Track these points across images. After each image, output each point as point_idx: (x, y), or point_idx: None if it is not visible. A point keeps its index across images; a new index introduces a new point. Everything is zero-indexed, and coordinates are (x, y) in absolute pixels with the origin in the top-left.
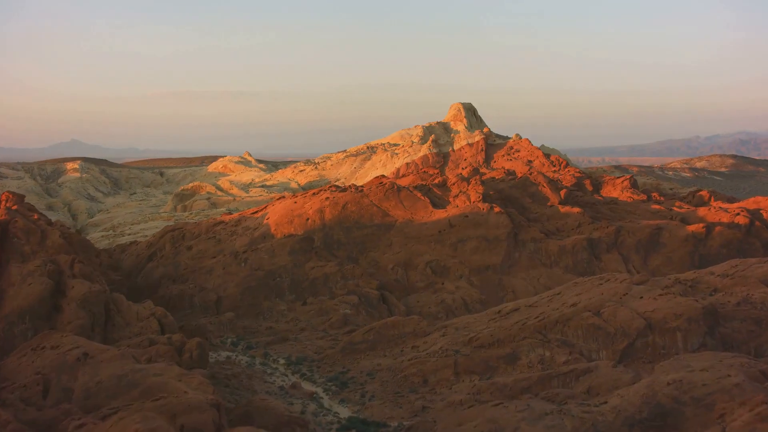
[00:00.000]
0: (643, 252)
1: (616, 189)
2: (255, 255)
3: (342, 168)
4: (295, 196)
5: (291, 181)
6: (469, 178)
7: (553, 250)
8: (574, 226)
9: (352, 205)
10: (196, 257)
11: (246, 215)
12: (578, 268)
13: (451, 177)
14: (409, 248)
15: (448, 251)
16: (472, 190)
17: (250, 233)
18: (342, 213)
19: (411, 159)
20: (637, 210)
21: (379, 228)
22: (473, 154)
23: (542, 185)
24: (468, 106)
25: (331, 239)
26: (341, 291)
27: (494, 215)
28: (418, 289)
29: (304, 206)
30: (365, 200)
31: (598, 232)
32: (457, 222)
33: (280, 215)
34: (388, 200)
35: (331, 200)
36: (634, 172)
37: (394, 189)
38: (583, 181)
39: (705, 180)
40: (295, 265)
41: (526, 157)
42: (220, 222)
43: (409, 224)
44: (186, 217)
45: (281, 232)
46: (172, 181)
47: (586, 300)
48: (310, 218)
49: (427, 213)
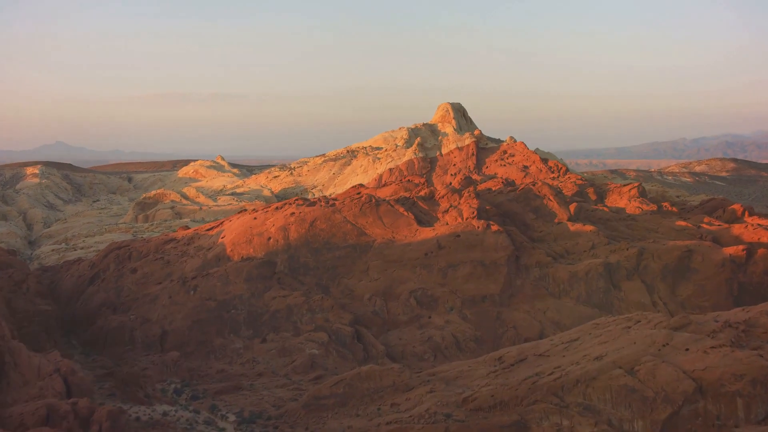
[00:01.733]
0: (670, 279)
1: (622, 198)
2: (206, 282)
3: (319, 174)
4: (256, 211)
5: (263, 188)
6: (461, 189)
7: (562, 277)
8: (586, 248)
9: (322, 221)
10: (140, 282)
11: (201, 232)
12: (593, 299)
13: (440, 188)
14: (390, 274)
15: (437, 278)
16: (465, 204)
17: (203, 254)
18: (310, 231)
19: (395, 164)
20: (660, 227)
21: (353, 249)
22: (463, 159)
23: (548, 198)
24: (457, 106)
25: (296, 263)
26: (308, 326)
27: (491, 235)
28: (400, 324)
29: (265, 223)
30: (337, 216)
31: (616, 255)
32: (448, 243)
33: (238, 233)
34: (365, 216)
35: (297, 216)
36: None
37: (371, 203)
38: (585, 190)
39: (707, 185)
40: (253, 295)
41: (522, 163)
42: (172, 239)
43: (390, 245)
44: (146, 228)
45: (238, 254)
46: (140, 187)
47: (615, 352)
48: (273, 237)
49: (411, 231)
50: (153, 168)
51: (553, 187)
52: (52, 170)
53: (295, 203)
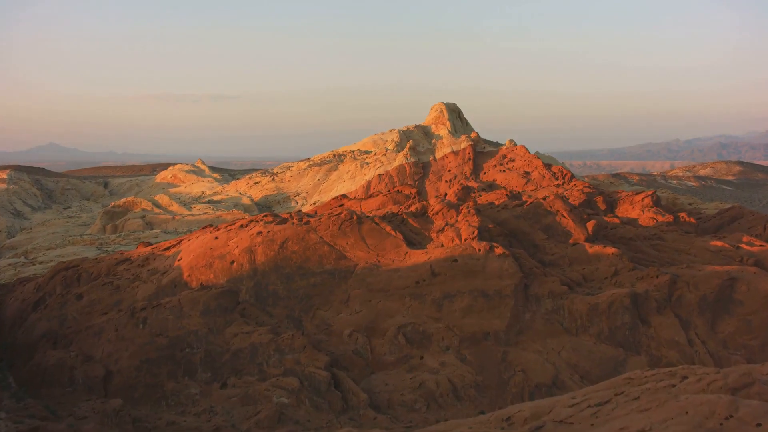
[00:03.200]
0: (709, 313)
1: (634, 208)
2: (157, 314)
3: (303, 180)
4: (217, 229)
5: (243, 195)
6: (458, 204)
7: (580, 310)
8: (608, 274)
9: (295, 242)
10: (85, 311)
11: (157, 251)
12: (617, 337)
13: (434, 203)
14: (374, 306)
15: (430, 311)
16: (463, 222)
17: (156, 279)
18: (280, 254)
19: (384, 170)
20: (692, 248)
21: (331, 276)
22: (459, 164)
23: (562, 214)
24: (452, 106)
25: (264, 291)
26: (276, 370)
27: (495, 259)
28: (386, 366)
29: (227, 244)
30: (312, 236)
31: (643, 283)
32: (443, 269)
33: (196, 256)
34: (345, 236)
35: (265, 236)
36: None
37: (352, 221)
38: (594, 199)
39: (714, 190)
40: (211, 330)
41: (523, 168)
42: (126, 260)
43: (375, 271)
44: (113, 241)
45: (197, 280)
46: (116, 192)
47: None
48: (236, 261)
49: (400, 255)
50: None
51: (567, 201)
52: (22, 175)
53: (263, 220)
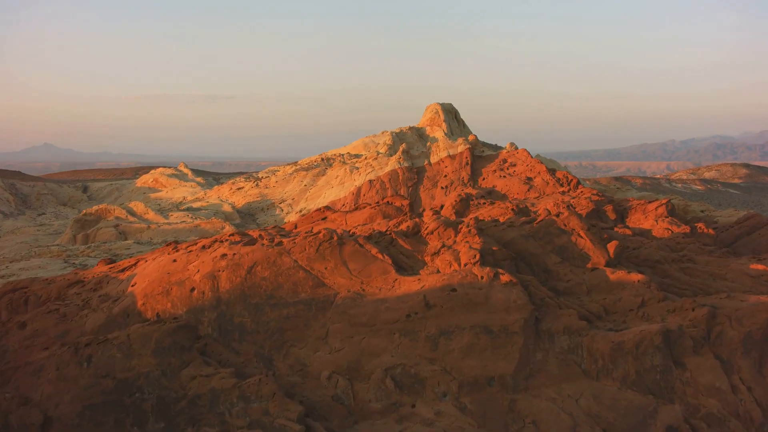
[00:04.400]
0: (756, 354)
1: (647, 217)
2: (103, 351)
3: (289, 186)
4: (176, 250)
5: (224, 202)
6: (456, 222)
7: (602, 350)
8: (634, 306)
9: (265, 267)
10: (27, 343)
11: (113, 272)
12: (646, 382)
13: (428, 220)
14: (358, 343)
15: (423, 350)
16: (464, 243)
17: (107, 307)
18: (247, 281)
19: (375, 175)
20: (728, 272)
21: (307, 307)
22: (456, 169)
23: (578, 233)
24: (448, 107)
25: (228, 324)
26: (240, 421)
27: (501, 288)
28: (371, 415)
29: (187, 268)
30: (286, 260)
31: (676, 317)
32: (439, 299)
33: (152, 281)
34: (324, 260)
35: (230, 260)
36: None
37: (332, 241)
38: (603, 208)
39: (720, 194)
40: (165, 373)
41: (525, 174)
42: (78, 281)
43: (358, 301)
44: (82, 252)
45: (152, 309)
46: (95, 197)
47: None
48: (197, 288)
49: (388, 282)
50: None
51: (584, 219)
52: None
53: (229, 240)
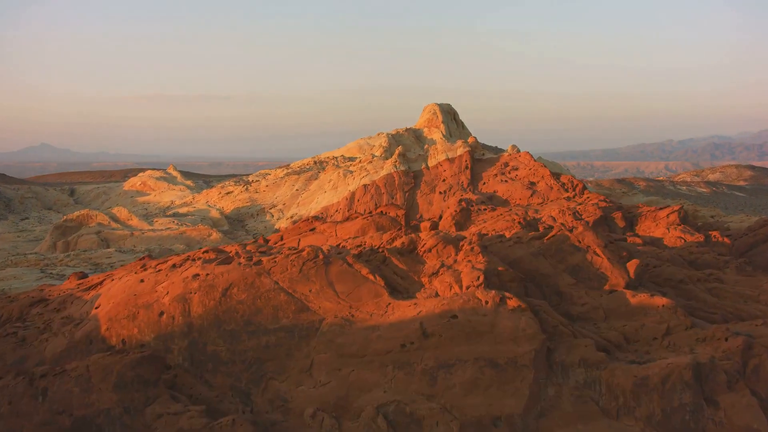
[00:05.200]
0: None
1: (658, 225)
2: (60, 384)
3: (280, 190)
4: (144, 269)
5: (211, 208)
6: (457, 239)
7: (623, 386)
8: (658, 334)
9: (242, 289)
10: None
11: (78, 291)
12: (673, 422)
13: (426, 237)
14: (346, 376)
15: (420, 385)
16: (465, 263)
17: (69, 332)
18: (222, 304)
19: (370, 179)
20: (761, 293)
21: (289, 334)
22: (455, 173)
23: (594, 251)
24: (446, 107)
25: (201, 353)
26: None
27: (509, 315)
28: None
29: (156, 289)
30: (265, 281)
31: (707, 347)
32: (438, 327)
33: (117, 303)
34: (308, 281)
35: (203, 280)
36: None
37: (317, 260)
38: (611, 215)
39: (726, 197)
40: (128, 410)
41: (528, 178)
42: (42, 300)
43: (347, 329)
44: (60, 261)
45: (117, 336)
46: (82, 201)
47: None
48: (166, 312)
49: (381, 307)
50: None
51: (601, 235)
52: None
53: (202, 258)
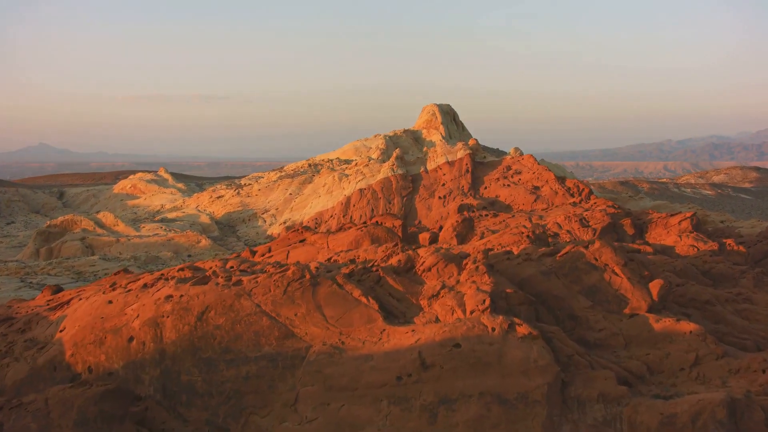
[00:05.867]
0: None
1: (669, 233)
2: (16, 418)
3: (273, 194)
4: (113, 288)
5: (201, 213)
6: (460, 257)
7: (647, 424)
8: (686, 364)
9: (219, 312)
10: None
11: (44, 310)
12: None
13: (425, 254)
14: (335, 412)
15: (419, 423)
16: (469, 283)
17: (32, 357)
18: (198, 330)
19: (367, 183)
20: None
21: (272, 363)
22: (455, 177)
23: (613, 270)
24: (446, 108)
25: (175, 384)
26: None
27: (518, 344)
28: None
29: (125, 311)
30: (245, 303)
31: (742, 380)
32: (439, 357)
33: (83, 326)
34: (293, 304)
35: (177, 302)
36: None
37: (304, 281)
38: (620, 221)
39: (732, 199)
40: None
41: (531, 182)
42: (8, 319)
43: (336, 358)
44: (42, 270)
45: (83, 362)
46: (71, 204)
47: None
48: (136, 338)
49: (374, 333)
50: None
51: (621, 251)
52: None
53: (177, 277)
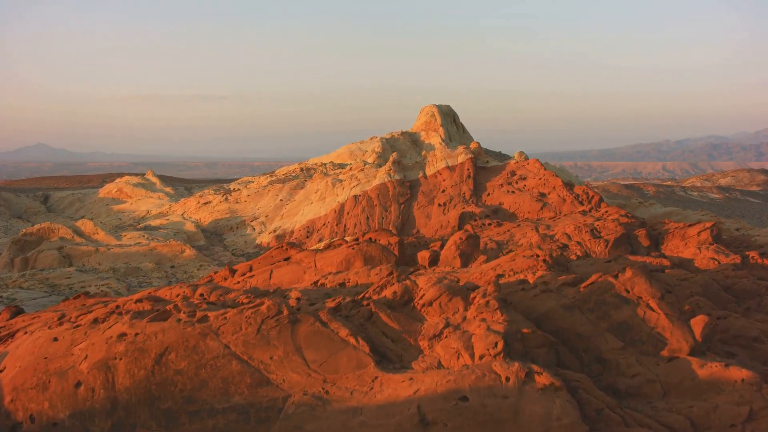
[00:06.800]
0: None
1: (688, 245)
2: None
3: (263, 200)
4: (60, 322)
5: (187, 220)
6: (467, 289)
7: None
8: (737, 419)
9: (181, 355)
10: None
11: None
12: None
13: (425, 285)
14: None
15: None
16: (478, 321)
17: None
18: (156, 375)
19: (362, 189)
20: None
21: (244, 417)
22: (456, 183)
23: (647, 304)
24: (445, 109)
25: None
26: None
27: (537, 397)
28: None
29: (71, 351)
30: (212, 344)
31: None
32: (442, 413)
33: (25, 367)
34: (269, 345)
35: (131, 341)
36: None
37: (281, 318)
38: (634, 232)
39: (740, 203)
40: None
41: (537, 188)
42: None
43: (319, 411)
44: (14, 282)
45: (24, 410)
46: (55, 209)
47: None
48: (85, 383)
49: (364, 382)
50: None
51: (656, 282)
52: None
53: (131, 311)
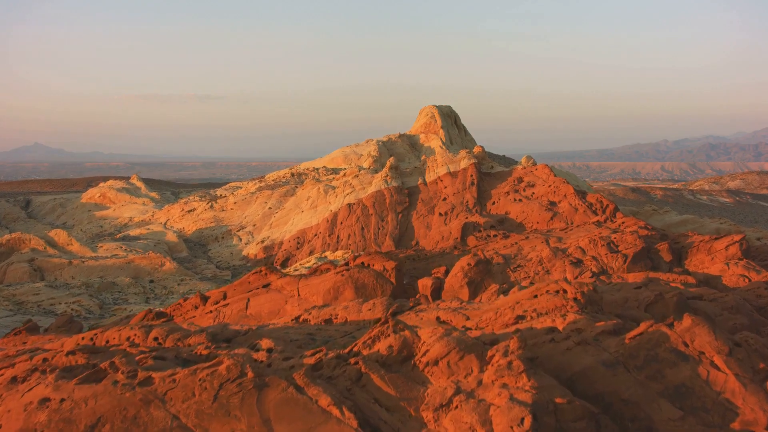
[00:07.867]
0: None
1: (715, 260)
2: None
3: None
4: None
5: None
6: (482, 345)
7: None
8: None
9: (118, 428)
10: None
11: None
12: None
13: (428, 337)
14: None
15: None
16: (498, 388)
17: None
18: None
19: (356, 197)
20: None
21: None
22: (458, 191)
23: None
24: (446, 110)
25: None
26: None
27: None
28: None
29: None
30: (156, 414)
31: None
32: None
33: None
34: (229, 417)
35: (56, 410)
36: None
37: (244, 382)
38: (655, 246)
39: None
40: None
41: (546, 196)
42: None
43: None
44: None
45: None
46: (36, 214)
47: None
48: None
49: None
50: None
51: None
52: None
53: (57, 368)
